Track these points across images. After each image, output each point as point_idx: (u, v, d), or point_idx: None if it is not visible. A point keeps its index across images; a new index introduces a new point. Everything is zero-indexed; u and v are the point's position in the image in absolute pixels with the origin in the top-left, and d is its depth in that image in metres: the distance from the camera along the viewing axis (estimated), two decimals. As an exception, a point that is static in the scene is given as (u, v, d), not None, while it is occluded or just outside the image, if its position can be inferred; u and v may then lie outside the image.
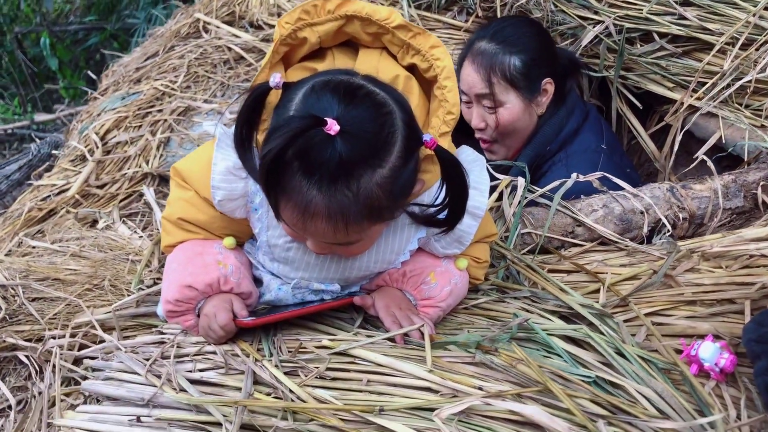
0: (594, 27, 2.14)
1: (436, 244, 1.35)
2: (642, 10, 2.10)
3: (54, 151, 2.62)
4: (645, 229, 1.62)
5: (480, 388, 1.13)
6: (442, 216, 1.19)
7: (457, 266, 1.38)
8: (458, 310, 1.41)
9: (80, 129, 2.38)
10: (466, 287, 1.41)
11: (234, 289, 1.32)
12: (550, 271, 1.52)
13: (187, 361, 1.27)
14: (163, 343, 1.32)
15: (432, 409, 1.09)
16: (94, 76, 3.05)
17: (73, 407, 1.29)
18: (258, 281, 1.40)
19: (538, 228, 1.61)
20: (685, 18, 2.06)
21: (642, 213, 1.63)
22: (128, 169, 2.04)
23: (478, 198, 1.30)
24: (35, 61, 5.90)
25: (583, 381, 1.15)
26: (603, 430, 1.04)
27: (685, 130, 1.97)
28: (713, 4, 2.07)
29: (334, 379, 1.19)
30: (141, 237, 1.71)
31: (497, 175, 1.68)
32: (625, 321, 1.33)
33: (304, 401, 1.14)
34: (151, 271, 1.53)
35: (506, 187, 1.66)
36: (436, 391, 1.14)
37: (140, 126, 2.20)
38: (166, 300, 1.32)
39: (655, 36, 2.08)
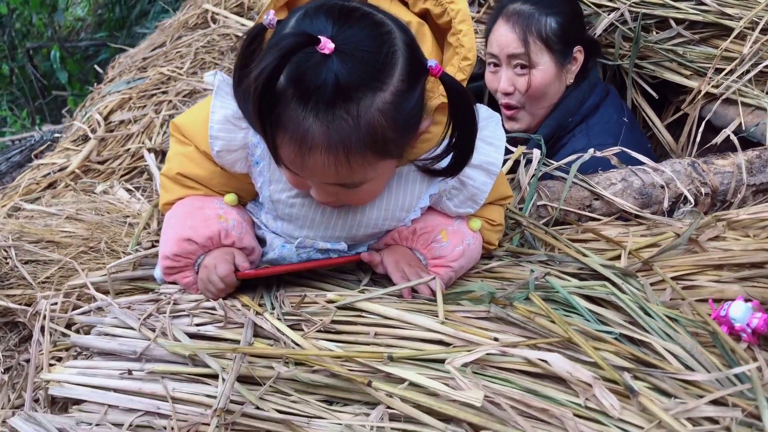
0: (609, 14, 2.09)
1: (449, 203, 1.28)
2: (658, -5, 2.06)
3: (57, 134, 2.58)
4: (665, 204, 1.55)
5: (496, 339, 1.05)
6: (448, 162, 1.13)
7: (470, 227, 1.30)
8: (470, 275, 1.33)
9: (84, 113, 2.33)
10: (480, 250, 1.34)
11: (236, 243, 1.26)
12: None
13: (183, 316, 1.19)
14: (159, 301, 1.25)
15: (443, 360, 1.01)
16: (100, 70, 3.03)
17: (63, 367, 1.22)
18: (261, 242, 1.33)
19: (554, 201, 1.54)
20: (703, 3, 2.02)
21: (662, 187, 1.56)
22: (131, 144, 1.99)
23: (493, 154, 1.24)
24: (45, 76, 5.92)
25: (606, 336, 1.07)
26: (629, 381, 0.96)
27: (705, 120, 1.91)
28: (733, -13, 2.03)
29: (339, 332, 1.12)
30: (140, 201, 1.64)
31: (512, 149, 1.62)
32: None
33: (307, 352, 1.07)
34: (149, 233, 1.46)
35: (522, 157, 1.59)
36: (448, 344, 1.06)
37: (144, 106, 2.15)
38: (164, 255, 1.26)
39: (672, 22, 2.03)
